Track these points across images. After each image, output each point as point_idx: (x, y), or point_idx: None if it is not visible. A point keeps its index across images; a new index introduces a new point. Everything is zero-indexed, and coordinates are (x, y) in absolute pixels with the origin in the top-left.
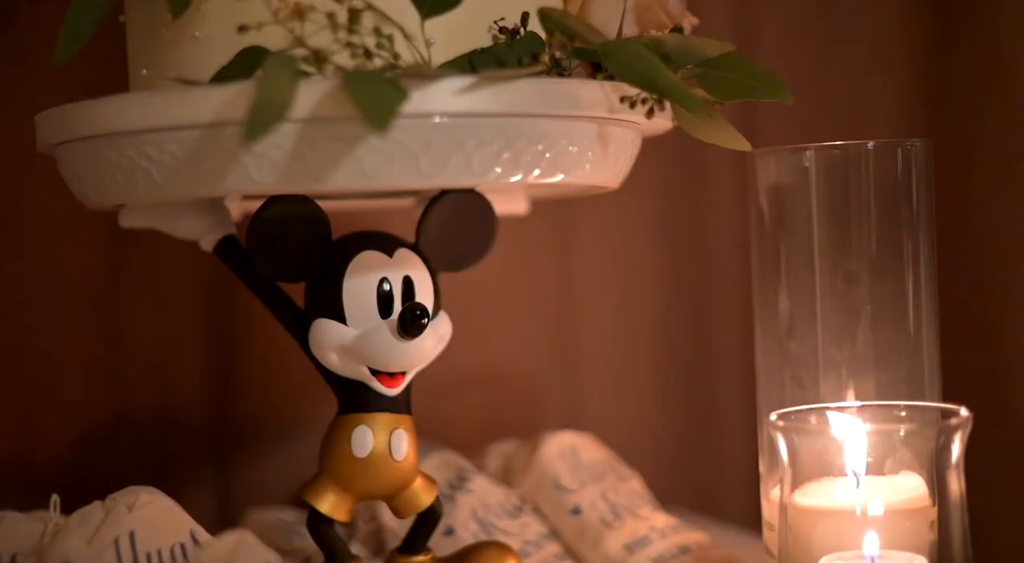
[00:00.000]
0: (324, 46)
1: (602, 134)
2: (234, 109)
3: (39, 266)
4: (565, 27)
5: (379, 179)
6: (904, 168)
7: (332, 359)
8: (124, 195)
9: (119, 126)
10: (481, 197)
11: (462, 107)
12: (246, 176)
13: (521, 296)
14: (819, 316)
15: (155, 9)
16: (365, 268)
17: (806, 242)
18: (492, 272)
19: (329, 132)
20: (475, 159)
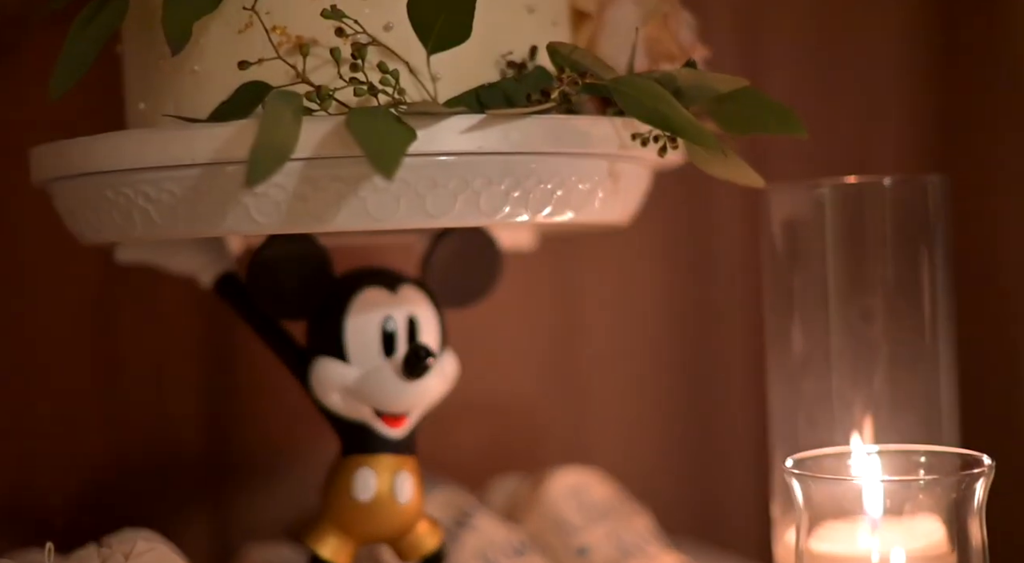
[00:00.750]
0: (327, 82)
1: (612, 171)
2: (234, 148)
3: (32, 295)
4: (575, 63)
5: (384, 220)
6: (921, 205)
7: (334, 399)
8: (121, 233)
9: (116, 164)
10: (487, 233)
11: (470, 146)
12: (247, 216)
13: (523, 324)
14: (833, 354)
15: (153, 41)
16: (368, 305)
17: (820, 278)
18: (494, 300)
19: (332, 171)
20: (483, 198)
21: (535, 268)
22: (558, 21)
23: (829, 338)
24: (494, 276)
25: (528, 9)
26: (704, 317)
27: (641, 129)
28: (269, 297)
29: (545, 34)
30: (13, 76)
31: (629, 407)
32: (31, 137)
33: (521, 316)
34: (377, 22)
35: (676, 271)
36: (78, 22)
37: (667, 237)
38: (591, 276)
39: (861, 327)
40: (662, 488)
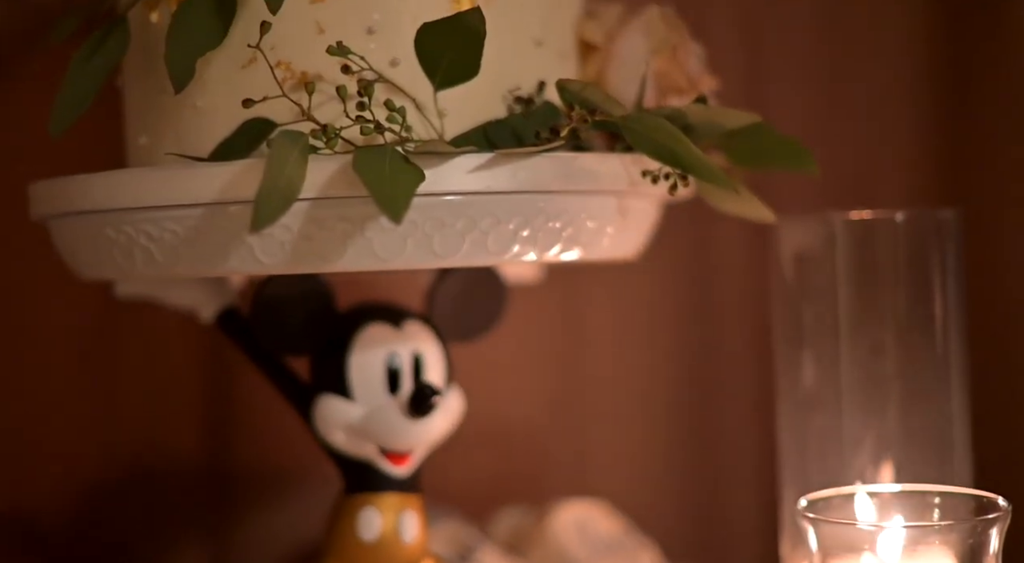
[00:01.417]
0: (332, 118)
1: (621, 207)
2: (238, 188)
3: (32, 318)
4: (584, 100)
5: (391, 260)
6: (934, 240)
7: (338, 437)
8: (121, 272)
9: (117, 203)
10: (492, 268)
11: (478, 185)
12: (251, 256)
13: (528, 352)
14: (844, 388)
15: (154, 75)
16: (372, 342)
17: (831, 311)
18: (498, 329)
19: (338, 211)
20: (491, 238)
21: (540, 297)
22: (566, 54)
23: (840, 372)
24: (499, 311)
25: (536, 43)
26: (709, 348)
27: (651, 166)
28: (272, 334)
29: (553, 67)
30: (13, 104)
31: (634, 437)
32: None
33: (526, 344)
34: (383, 57)
35: (681, 302)
36: (78, 58)
37: (672, 267)
38: (596, 305)
39: (872, 361)
40: (667, 519)
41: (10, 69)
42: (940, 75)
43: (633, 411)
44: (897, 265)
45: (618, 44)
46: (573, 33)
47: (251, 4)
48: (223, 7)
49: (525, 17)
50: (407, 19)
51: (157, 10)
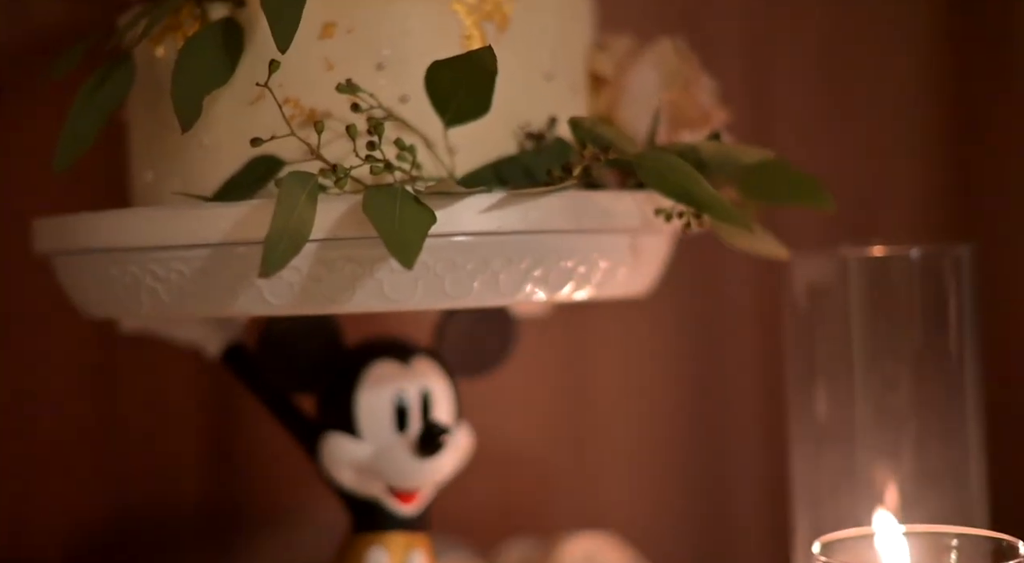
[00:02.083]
0: (341, 155)
1: (634, 245)
2: (246, 229)
3: (33, 350)
4: (597, 137)
5: (401, 301)
6: (949, 276)
7: (345, 476)
8: (126, 311)
9: (123, 242)
10: None
11: (489, 226)
12: (259, 298)
13: (535, 383)
14: (858, 423)
15: (160, 111)
16: (380, 379)
17: (844, 345)
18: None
19: (347, 253)
20: (502, 278)
21: (548, 327)
22: (576, 87)
23: (853, 406)
24: (509, 346)
25: (546, 77)
26: (718, 381)
27: (664, 204)
28: (279, 371)
29: (563, 101)
30: (16, 132)
31: (642, 469)
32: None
33: (533, 375)
34: (393, 94)
35: (690, 333)
36: (83, 92)
37: (681, 299)
38: (604, 336)
39: (887, 396)
40: (676, 553)
41: (13, 96)
42: (950, 106)
43: (641, 443)
44: (912, 301)
45: (629, 77)
46: (583, 66)
47: (258, 40)
48: (230, 44)
49: (536, 51)
50: (417, 55)
51: (163, 45)
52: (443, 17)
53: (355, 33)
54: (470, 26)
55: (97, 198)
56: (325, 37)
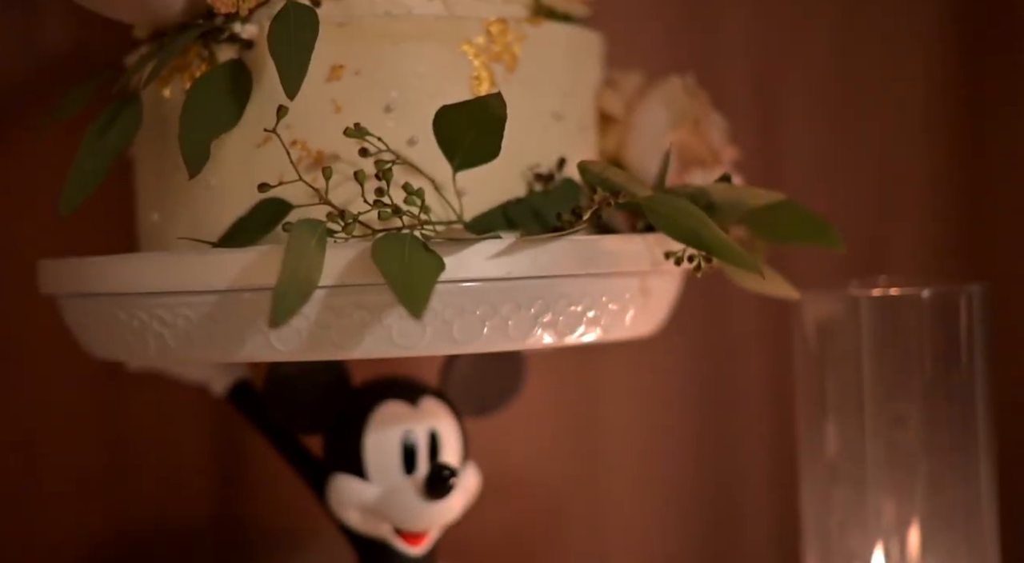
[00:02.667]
0: (349, 198)
1: (644, 287)
2: (254, 275)
3: (41, 380)
4: (606, 181)
5: (409, 347)
6: (963, 315)
7: (352, 517)
8: (133, 354)
9: (130, 287)
10: None
11: (498, 272)
12: (266, 344)
13: (545, 411)
14: (868, 461)
15: (167, 151)
16: (387, 421)
17: (855, 382)
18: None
19: (356, 299)
20: (512, 323)
21: (557, 359)
22: (585, 126)
23: (864, 444)
24: (517, 385)
25: (555, 117)
26: (726, 414)
27: (674, 247)
28: (286, 412)
29: (572, 140)
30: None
31: (652, 505)
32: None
33: (540, 396)
34: (401, 136)
35: (699, 368)
36: (89, 134)
37: (690, 334)
38: (613, 370)
39: (897, 433)
40: None
41: (20, 129)
42: (961, 140)
43: (651, 476)
44: (923, 340)
45: (638, 116)
46: (593, 104)
47: (266, 82)
48: (238, 86)
49: (545, 91)
50: (425, 97)
51: (170, 85)
52: (451, 59)
53: (363, 75)
54: (479, 67)
55: (104, 231)
56: (333, 79)
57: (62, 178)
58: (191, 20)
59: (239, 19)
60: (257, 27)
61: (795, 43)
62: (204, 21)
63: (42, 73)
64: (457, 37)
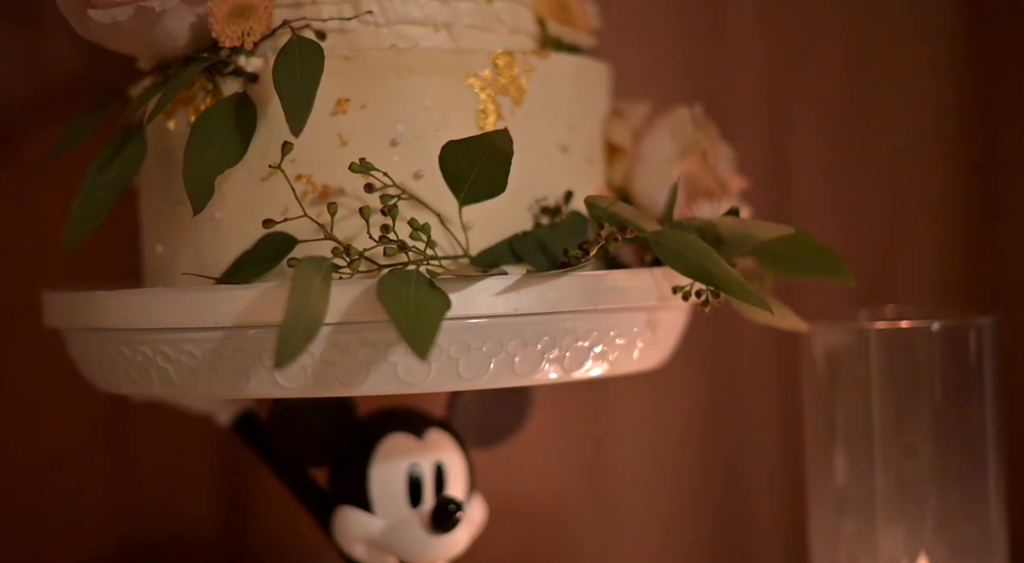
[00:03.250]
0: (355, 232)
1: (651, 320)
2: (258, 312)
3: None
4: (614, 216)
5: (415, 384)
6: (973, 348)
7: (357, 550)
8: (137, 389)
9: (134, 323)
10: None
11: (505, 308)
12: (271, 381)
13: (552, 427)
14: (878, 491)
15: (172, 183)
16: (393, 454)
17: (864, 411)
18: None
19: (361, 336)
20: (518, 359)
21: (565, 387)
22: (592, 157)
23: (873, 473)
24: (523, 416)
25: (562, 149)
26: (735, 442)
27: (682, 281)
28: (291, 444)
29: (579, 172)
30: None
31: (660, 530)
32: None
33: (548, 417)
34: (407, 170)
35: (708, 396)
36: (94, 167)
37: (699, 361)
38: (622, 396)
39: (907, 464)
40: None
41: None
42: (971, 168)
43: (660, 505)
44: (932, 372)
45: (646, 147)
46: (600, 135)
47: (271, 116)
48: (243, 121)
49: (552, 123)
50: (431, 131)
51: (174, 118)
52: (458, 92)
53: (369, 109)
54: (485, 100)
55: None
56: (339, 113)
57: (67, 199)
58: (195, 53)
59: (244, 52)
60: (262, 60)
61: (805, 68)
62: (209, 54)
63: (49, 93)
64: (463, 70)
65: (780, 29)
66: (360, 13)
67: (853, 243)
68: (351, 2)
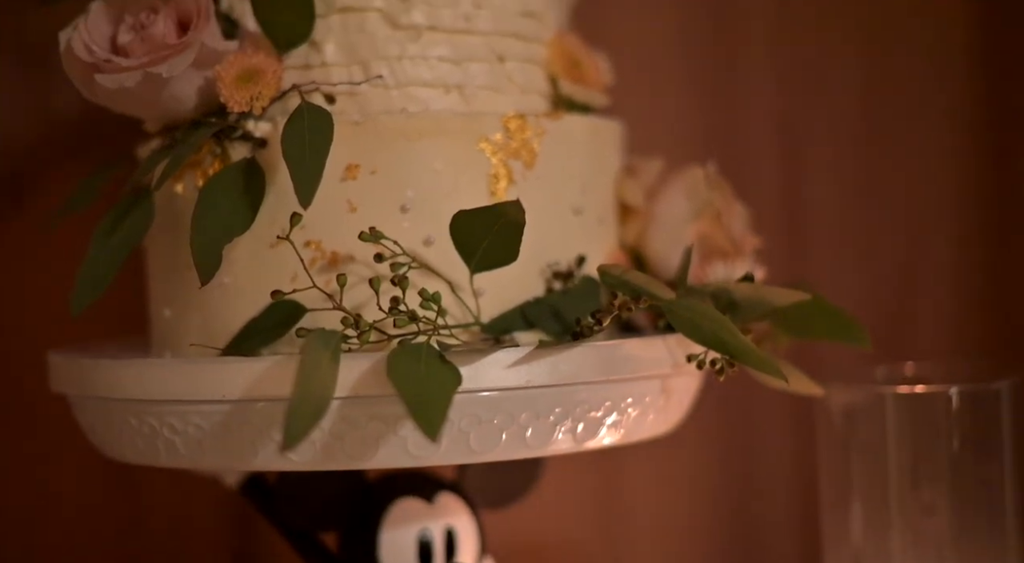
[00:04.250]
0: (365, 300)
1: (665, 387)
2: (266, 386)
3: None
4: (627, 284)
5: (424, 457)
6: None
7: None
8: (143, 458)
9: (141, 394)
10: None
11: (517, 381)
12: (278, 454)
13: (565, 481)
14: (895, 551)
15: (179, 249)
16: (403, 519)
17: (881, 470)
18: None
19: (370, 410)
20: (530, 432)
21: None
22: (604, 219)
23: (890, 532)
24: (534, 477)
25: (574, 211)
26: (750, 499)
27: (696, 349)
28: (299, 509)
29: (591, 235)
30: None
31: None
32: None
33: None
34: (417, 236)
35: (721, 453)
36: (99, 232)
37: (713, 419)
38: (635, 455)
39: (924, 522)
40: None
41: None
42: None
43: (673, 559)
44: (951, 434)
45: (659, 207)
46: (612, 195)
47: (279, 182)
48: (251, 188)
49: (564, 186)
50: (442, 196)
51: (182, 181)
52: (469, 157)
53: (379, 174)
54: (497, 165)
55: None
56: (348, 179)
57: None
58: (203, 116)
59: (252, 117)
60: (271, 125)
61: (818, 120)
62: (217, 119)
63: (56, 139)
64: (475, 134)
65: (792, 79)
66: (371, 77)
67: (869, 290)
68: (361, 64)
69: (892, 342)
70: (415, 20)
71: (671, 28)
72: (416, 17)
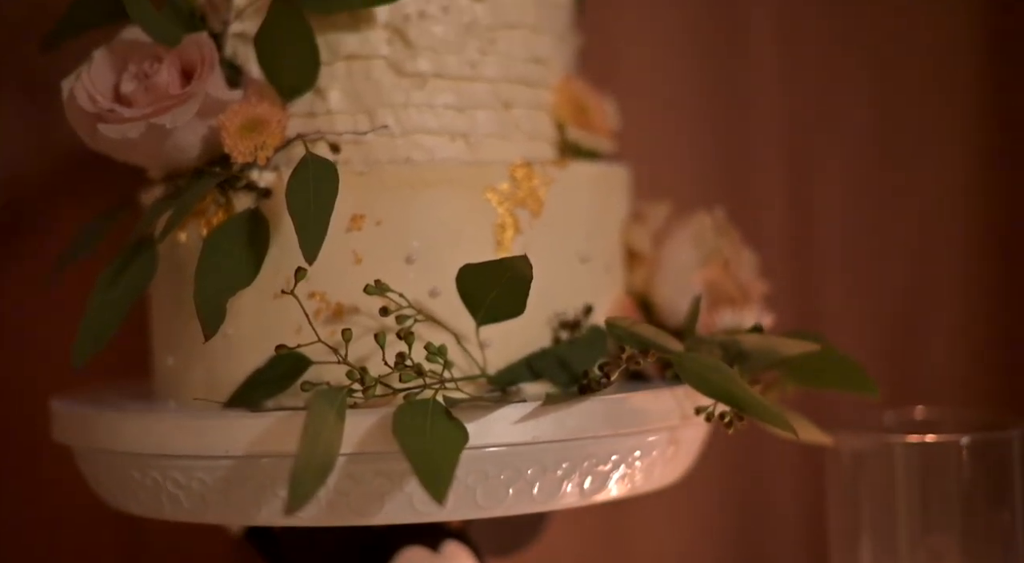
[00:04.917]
0: (370, 352)
1: (673, 438)
2: (270, 442)
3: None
4: (635, 337)
5: (430, 513)
6: (1001, 460)
7: None
8: (146, 510)
9: (144, 448)
10: None
11: (524, 437)
12: (282, 510)
13: (573, 526)
14: None
15: (182, 299)
16: None
17: (890, 518)
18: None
19: (375, 467)
20: (536, 487)
21: None
22: (611, 266)
23: None
24: (541, 524)
25: (581, 260)
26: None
27: (705, 401)
28: (305, 558)
29: (598, 283)
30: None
31: None
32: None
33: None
34: (423, 287)
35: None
36: (102, 282)
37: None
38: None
39: None
40: None
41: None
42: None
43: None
44: (962, 482)
45: (666, 253)
46: (619, 241)
47: (284, 233)
48: (255, 239)
49: (571, 234)
50: (448, 246)
51: (186, 231)
52: (475, 206)
53: (384, 225)
54: (503, 214)
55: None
56: (353, 230)
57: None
58: (207, 165)
59: (256, 167)
60: (275, 175)
61: (827, 159)
62: (220, 169)
63: (60, 178)
64: (481, 184)
65: (804, 121)
66: (376, 127)
67: (877, 330)
68: (366, 112)
69: (902, 385)
70: (420, 67)
71: (681, 69)
72: (422, 64)
